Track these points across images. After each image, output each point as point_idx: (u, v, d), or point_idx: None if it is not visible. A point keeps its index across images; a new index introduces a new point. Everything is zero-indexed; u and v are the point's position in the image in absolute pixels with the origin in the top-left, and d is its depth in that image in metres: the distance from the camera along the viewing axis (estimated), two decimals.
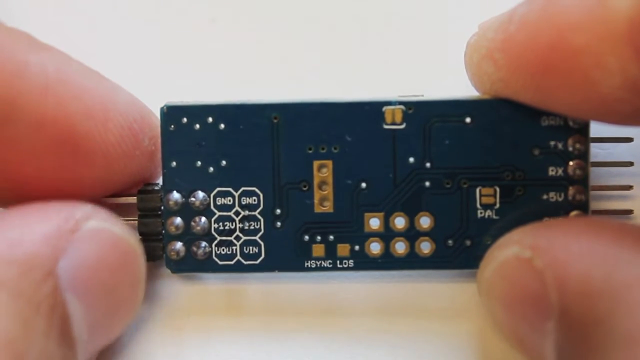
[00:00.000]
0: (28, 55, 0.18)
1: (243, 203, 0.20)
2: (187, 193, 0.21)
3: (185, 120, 0.20)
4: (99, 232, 0.19)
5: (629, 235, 0.18)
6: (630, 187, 0.21)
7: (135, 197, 0.21)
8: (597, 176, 0.21)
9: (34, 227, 0.18)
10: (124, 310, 0.20)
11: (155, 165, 0.21)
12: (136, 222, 0.21)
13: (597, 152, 0.20)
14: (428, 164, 0.20)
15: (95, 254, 0.19)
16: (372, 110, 0.20)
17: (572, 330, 0.17)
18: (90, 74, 0.20)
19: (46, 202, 0.19)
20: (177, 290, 0.22)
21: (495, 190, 0.20)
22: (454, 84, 0.21)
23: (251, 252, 0.21)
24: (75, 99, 0.19)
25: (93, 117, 0.19)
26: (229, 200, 0.20)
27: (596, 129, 0.20)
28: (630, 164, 0.21)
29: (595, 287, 0.17)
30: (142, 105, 0.21)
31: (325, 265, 0.21)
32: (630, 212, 0.21)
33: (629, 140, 0.21)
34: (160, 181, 0.21)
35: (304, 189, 0.20)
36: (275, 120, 0.20)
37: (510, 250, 0.19)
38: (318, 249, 0.21)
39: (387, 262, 0.20)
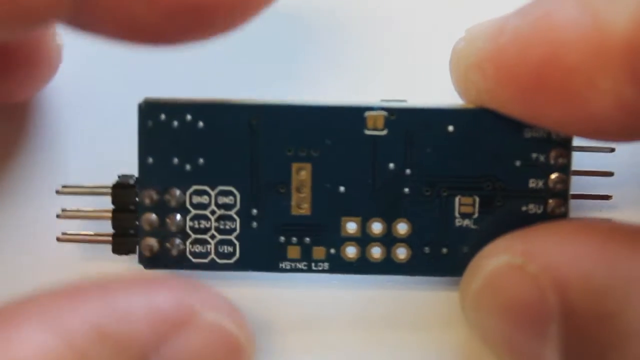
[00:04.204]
0: None
1: (219, 202, 0.20)
2: (162, 190, 0.20)
3: (163, 117, 0.20)
4: (211, 327, 0.18)
5: (619, 231, 0.18)
6: (609, 197, 0.21)
7: (110, 190, 0.20)
8: (575, 185, 0.21)
9: (143, 302, 0.17)
10: None
11: None
12: (110, 215, 0.21)
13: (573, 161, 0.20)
14: (408, 171, 0.20)
15: (201, 350, 0.18)
16: (353, 115, 0.20)
17: (580, 329, 0.17)
18: None
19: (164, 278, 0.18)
20: None
21: (474, 200, 0.20)
22: (438, 88, 0.21)
23: (226, 251, 0.20)
24: None
25: None
26: (205, 199, 0.20)
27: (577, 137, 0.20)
28: (611, 174, 0.21)
29: (600, 283, 0.17)
30: None
31: (300, 267, 0.20)
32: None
33: (611, 150, 0.21)
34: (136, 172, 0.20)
35: (282, 190, 0.20)
36: (254, 121, 0.20)
37: (500, 258, 0.18)
38: (293, 251, 0.20)
39: (363, 266, 0.20)
